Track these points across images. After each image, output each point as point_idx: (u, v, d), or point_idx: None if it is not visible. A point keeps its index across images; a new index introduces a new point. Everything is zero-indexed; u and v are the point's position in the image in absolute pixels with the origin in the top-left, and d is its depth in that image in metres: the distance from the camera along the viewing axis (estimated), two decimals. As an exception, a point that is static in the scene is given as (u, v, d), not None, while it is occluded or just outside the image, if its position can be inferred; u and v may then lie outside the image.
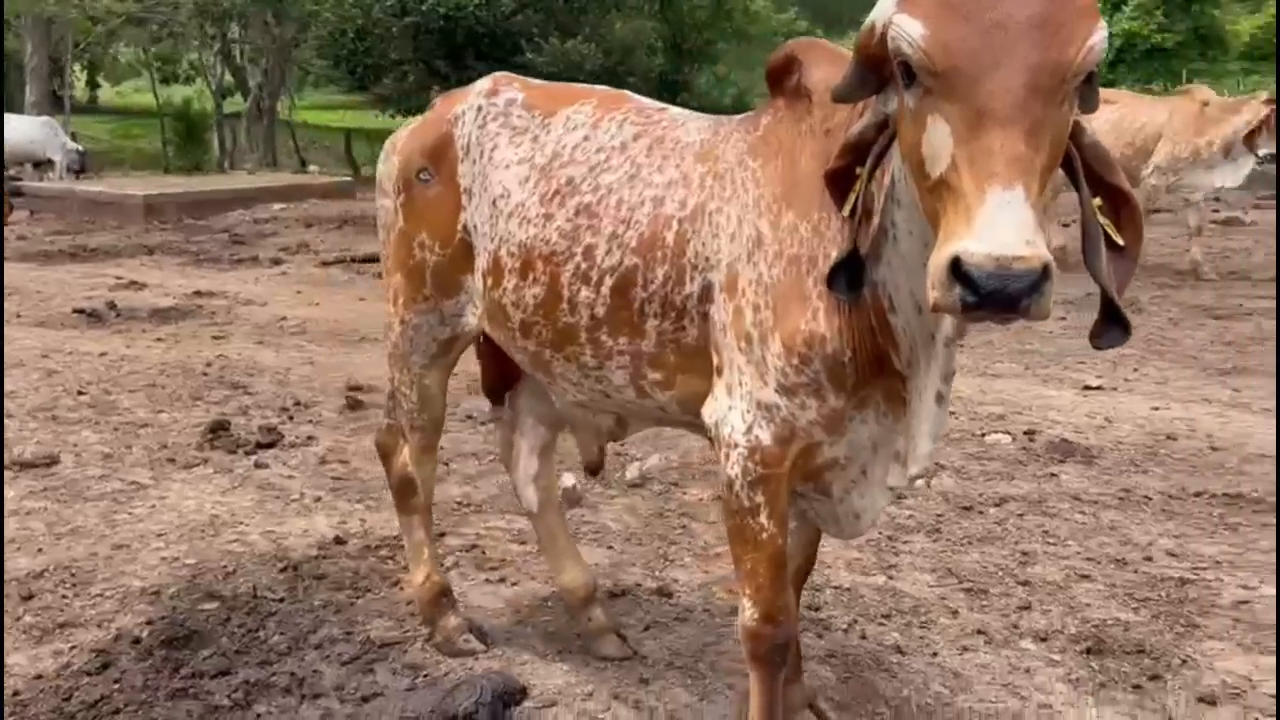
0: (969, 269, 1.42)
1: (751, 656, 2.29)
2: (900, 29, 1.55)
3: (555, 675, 2.92)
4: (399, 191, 2.71)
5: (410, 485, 3.01)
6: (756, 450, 2.10)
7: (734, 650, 3.05)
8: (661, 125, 2.36)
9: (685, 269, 2.19)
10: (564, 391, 2.60)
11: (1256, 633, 3.11)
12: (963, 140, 1.49)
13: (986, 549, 3.71)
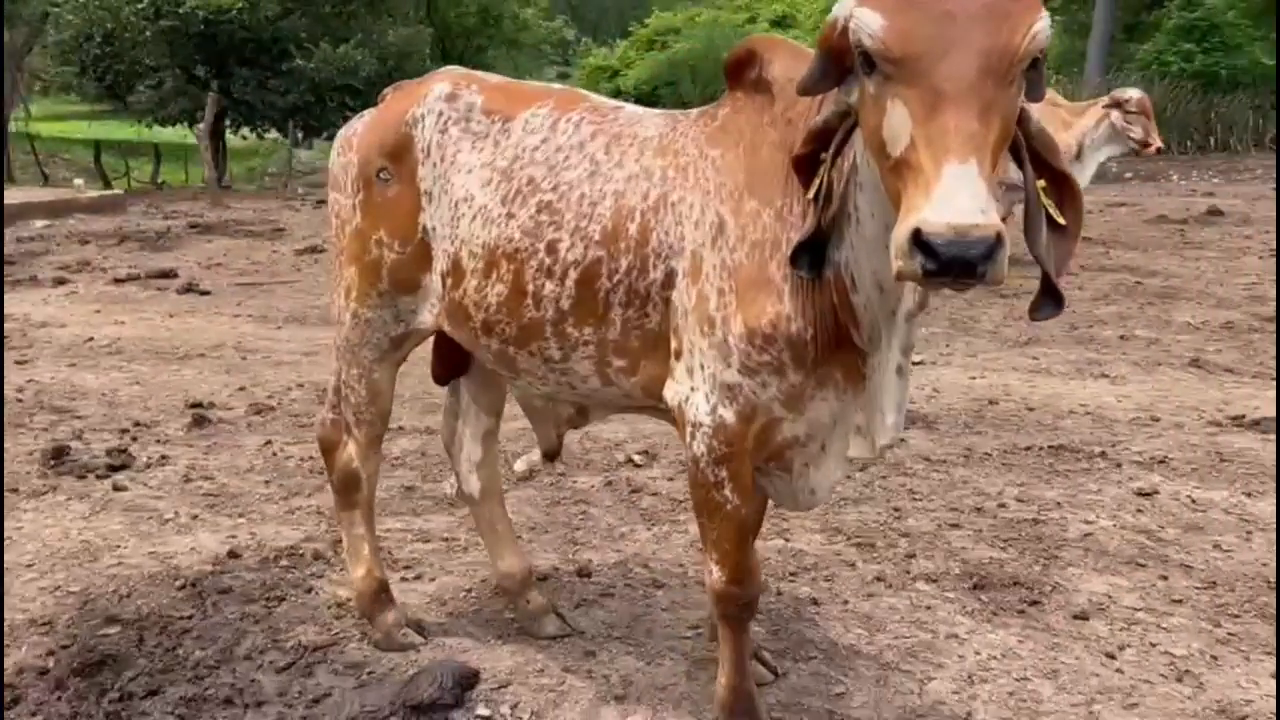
0: (929, 237, 1.56)
1: (722, 615, 2.47)
2: (860, 21, 1.71)
3: (502, 659, 3.00)
4: (357, 189, 2.73)
5: (354, 480, 3.01)
6: (721, 429, 2.25)
7: (664, 618, 3.25)
8: (618, 122, 2.48)
9: (649, 257, 2.31)
10: (528, 385, 2.69)
11: (1104, 559, 3.58)
12: (920, 121, 1.65)
13: (863, 508, 4.06)
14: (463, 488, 3.18)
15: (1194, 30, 27.58)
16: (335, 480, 3.05)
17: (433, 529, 3.98)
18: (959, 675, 2.88)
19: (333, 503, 3.15)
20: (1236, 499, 4.06)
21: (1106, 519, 3.89)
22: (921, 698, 2.78)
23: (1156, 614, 3.19)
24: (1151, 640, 3.04)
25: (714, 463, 2.28)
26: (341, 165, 2.80)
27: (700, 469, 2.31)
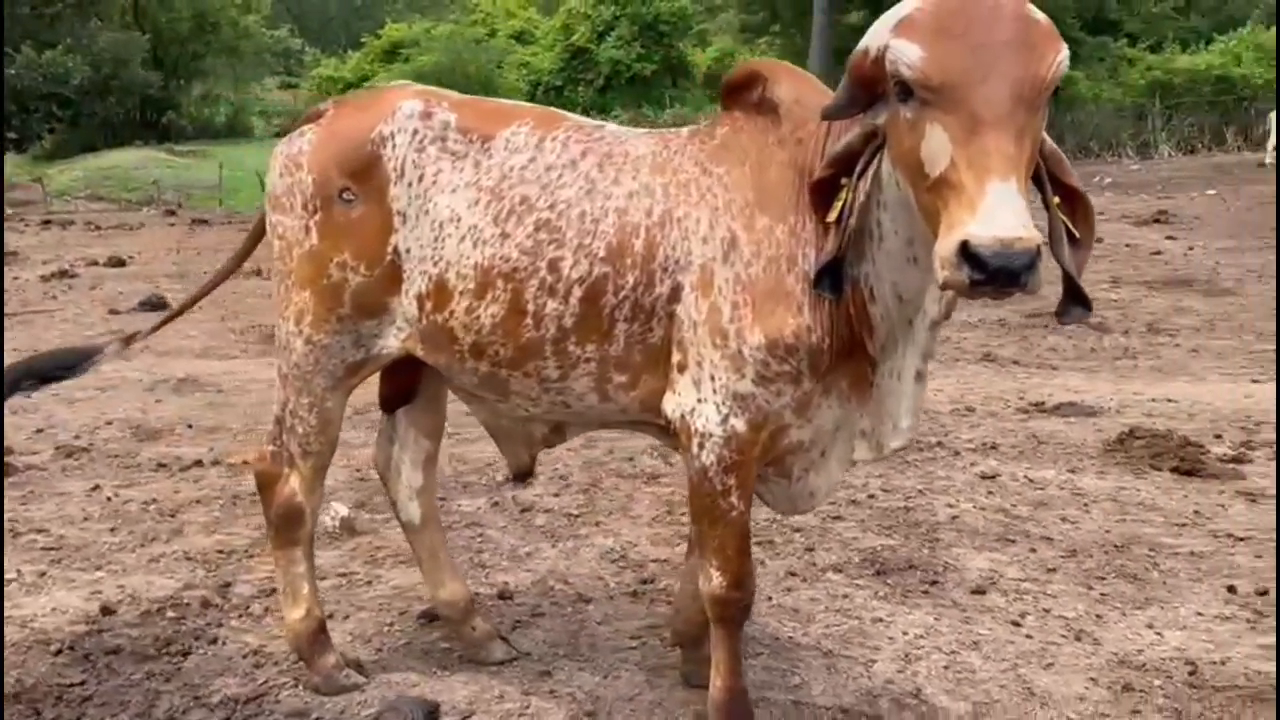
0: (977, 250, 1.68)
1: (719, 619, 2.52)
2: (899, 51, 1.83)
3: (455, 690, 2.93)
4: (312, 209, 2.59)
5: (297, 515, 2.83)
6: (732, 439, 2.32)
7: (602, 632, 3.28)
8: (605, 141, 2.50)
9: (655, 272, 2.35)
10: (513, 408, 2.65)
11: (977, 537, 3.94)
12: (960, 143, 1.77)
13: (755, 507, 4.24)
14: (401, 515, 3.08)
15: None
16: (275, 516, 2.86)
17: (324, 565, 3.78)
18: (896, 655, 3.10)
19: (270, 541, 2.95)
20: (1065, 476, 4.56)
21: (965, 502, 4.27)
22: (871, 679, 2.96)
23: (1039, 583, 3.55)
24: (1043, 607, 3.39)
25: (723, 471, 2.35)
26: (287, 185, 2.65)
27: (708, 478, 2.37)
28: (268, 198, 2.73)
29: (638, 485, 4.51)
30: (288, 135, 2.75)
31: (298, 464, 2.81)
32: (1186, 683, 2.92)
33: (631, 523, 4.13)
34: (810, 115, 2.29)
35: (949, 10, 1.84)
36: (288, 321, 2.69)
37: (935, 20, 1.83)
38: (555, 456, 4.92)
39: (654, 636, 3.23)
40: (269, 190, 2.72)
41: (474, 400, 2.83)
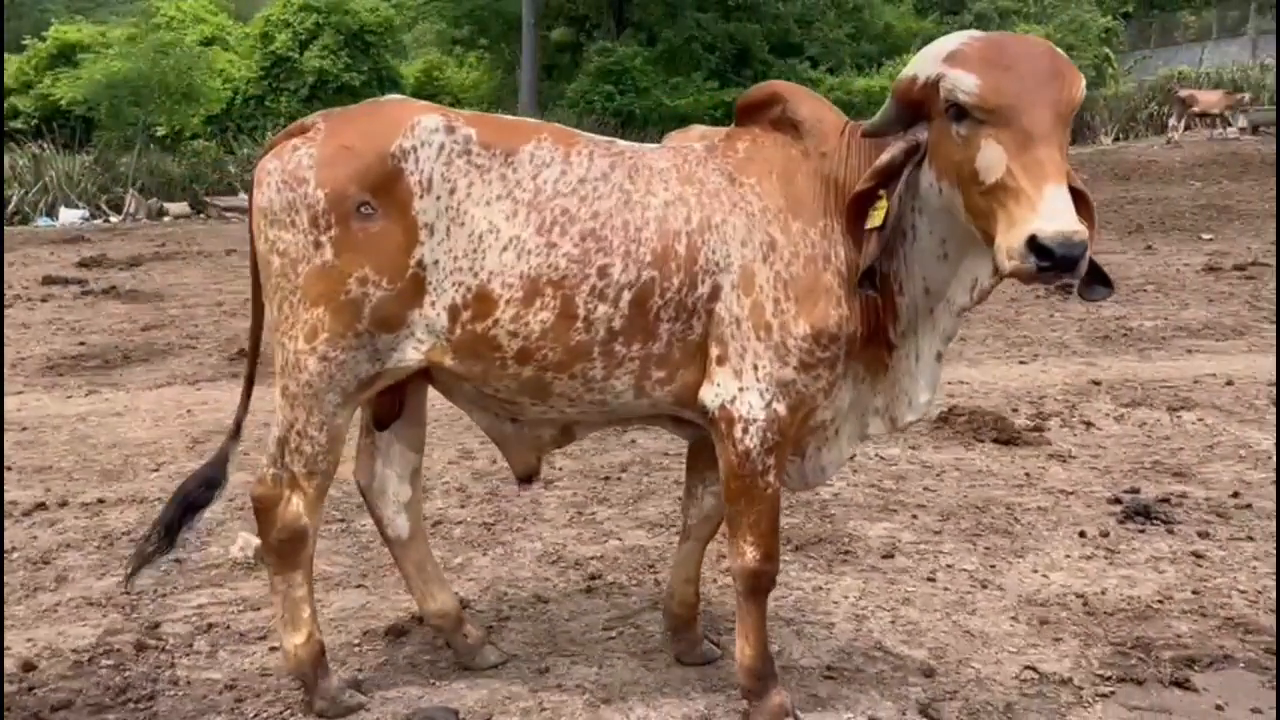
0: (1044, 242, 2.02)
1: (752, 591, 2.73)
2: (957, 81, 2.17)
3: (463, 696, 2.97)
4: (325, 225, 2.54)
5: (301, 537, 2.76)
6: (775, 421, 2.57)
7: (576, 627, 3.41)
8: (626, 155, 2.65)
9: (697, 274, 2.55)
10: (544, 411, 2.72)
11: (863, 510, 4.38)
12: (1015, 156, 2.11)
13: (652, 501, 4.47)
14: (388, 531, 3.06)
15: (611, 74, 31.38)
16: (276, 539, 2.78)
17: (251, 596, 3.65)
18: (848, 616, 3.45)
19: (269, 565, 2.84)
20: (909, 452, 5.13)
21: (838, 481, 4.72)
22: (837, 639, 3.30)
23: (933, 544, 4.04)
24: (946, 563, 3.86)
25: (765, 453, 2.58)
26: (287, 201, 2.59)
27: (750, 460, 2.59)
28: (262, 214, 2.65)
29: (538, 491, 4.61)
30: (273, 150, 2.69)
31: (301, 485, 2.75)
32: (1084, 611, 3.47)
33: (549, 526, 4.24)
34: (829, 131, 2.60)
35: (994, 47, 2.21)
36: (296, 340, 2.63)
37: (983, 55, 2.19)
38: (438, 471, 4.93)
39: (626, 626, 3.40)
40: (262, 206, 2.64)
41: (477, 409, 2.89)
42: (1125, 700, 2.95)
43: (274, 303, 2.67)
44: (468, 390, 2.77)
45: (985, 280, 2.47)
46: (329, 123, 2.69)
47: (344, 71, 35.02)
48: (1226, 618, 3.41)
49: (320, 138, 2.64)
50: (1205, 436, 5.27)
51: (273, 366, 2.74)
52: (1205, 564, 3.82)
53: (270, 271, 2.66)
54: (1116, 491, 4.52)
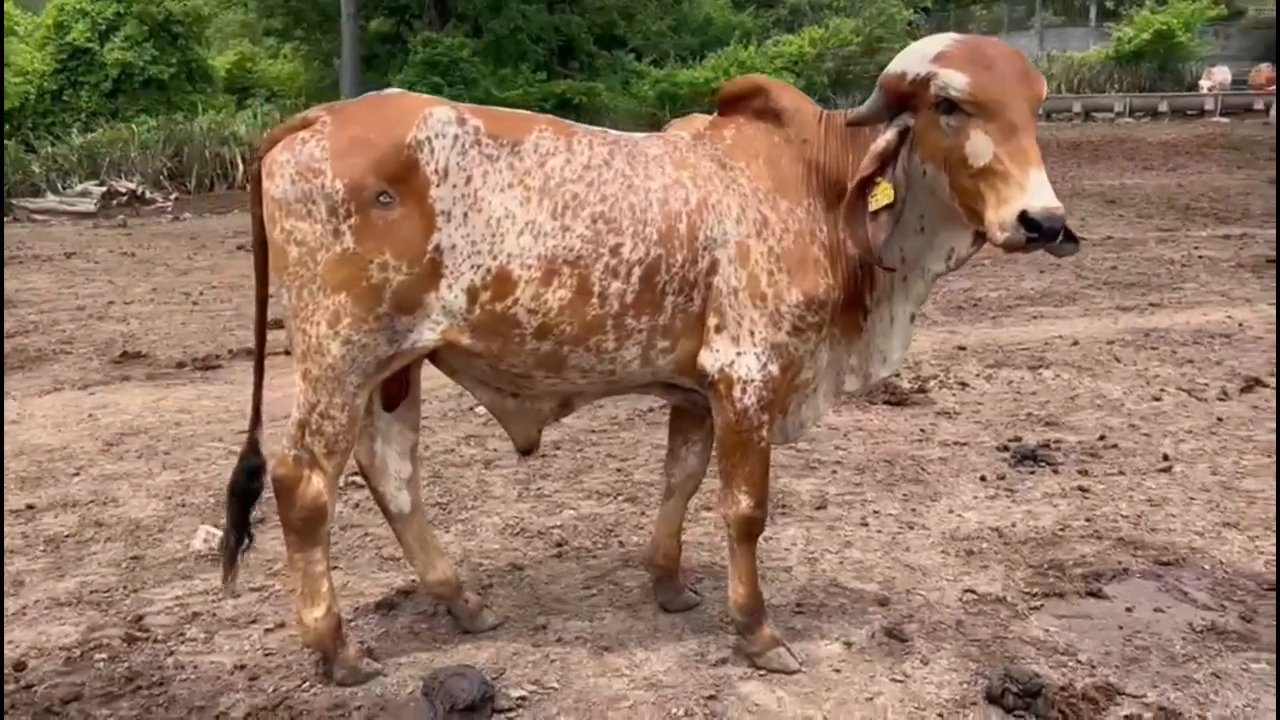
0: (1034, 217, 2.39)
1: (745, 537, 3.03)
2: (948, 79, 2.50)
3: (472, 656, 3.15)
4: (345, 214, 2.66)
5: (321, 514, 2.88)
6: (769, 381, 2.87)
7: (555, 589, 3.63)
8: (621, 143, 2.89)
9: (698, 250, 2.81)
10: (555, 384, 2.92)
11: (787, 469, 4.74)
12: (1001, 143, 2.47)
13: (593, 474, 4.71)
14: (390, 507, 3.20)
15: (437, 65, 31.04)
16: (297, 518, 2.89)
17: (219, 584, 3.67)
18: (801, 560, 3.80)
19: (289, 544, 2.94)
20: (814, 417, 5.56)
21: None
22: (798, 580, 3.64)
23: (857, 494, 4.45)
24: (874, 510, 4.28)
25: (760, 409, 2.88)
26: (302, 192, 2.69)
27: (748, 417, 2.88)
28: (275, 205, 2.74)
29: (478, 471, 4.78)
30: (281, 143, 2.79)
31: (321, 464, 2.87)
32: (1000, 542, 3.94)
33: (501, 502, 4.42)
34: (808, 120, 2.91)
35: (975, 48, 2.58)
36: (318, 325, 2.74)
37: (968, 55, 2.55)
38: (372, 457, 5.00)
39: (604, 584, 3.65)
40: (275, 197, 2.74)
41: (480, 386, 3.07)
42: (1053, 611, 3.42)
43: (292, 290, 2.77)
44: (478, 367, 2.94)
45: (963, 250, 2.83)
46: (335, 116, 2.80)
47: (150, 64, 33.14)
48: (1118, 539, 3.95)
49: (330, 130, 2.74)
50: (1065, 390, 5.91)
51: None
52: (1091, 496, 4.37)
53: (287, 260, 2.76)
54: (1002, 440, 5.06)
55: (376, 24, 36.62)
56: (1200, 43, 33.61)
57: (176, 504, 4.44)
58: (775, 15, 37.58)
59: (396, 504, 3.20)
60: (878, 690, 2.96)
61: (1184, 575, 3.64)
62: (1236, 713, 2.84)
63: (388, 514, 3.23)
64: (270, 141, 2.85)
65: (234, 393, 6.15)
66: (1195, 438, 5.06)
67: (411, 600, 3.53)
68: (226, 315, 8.42)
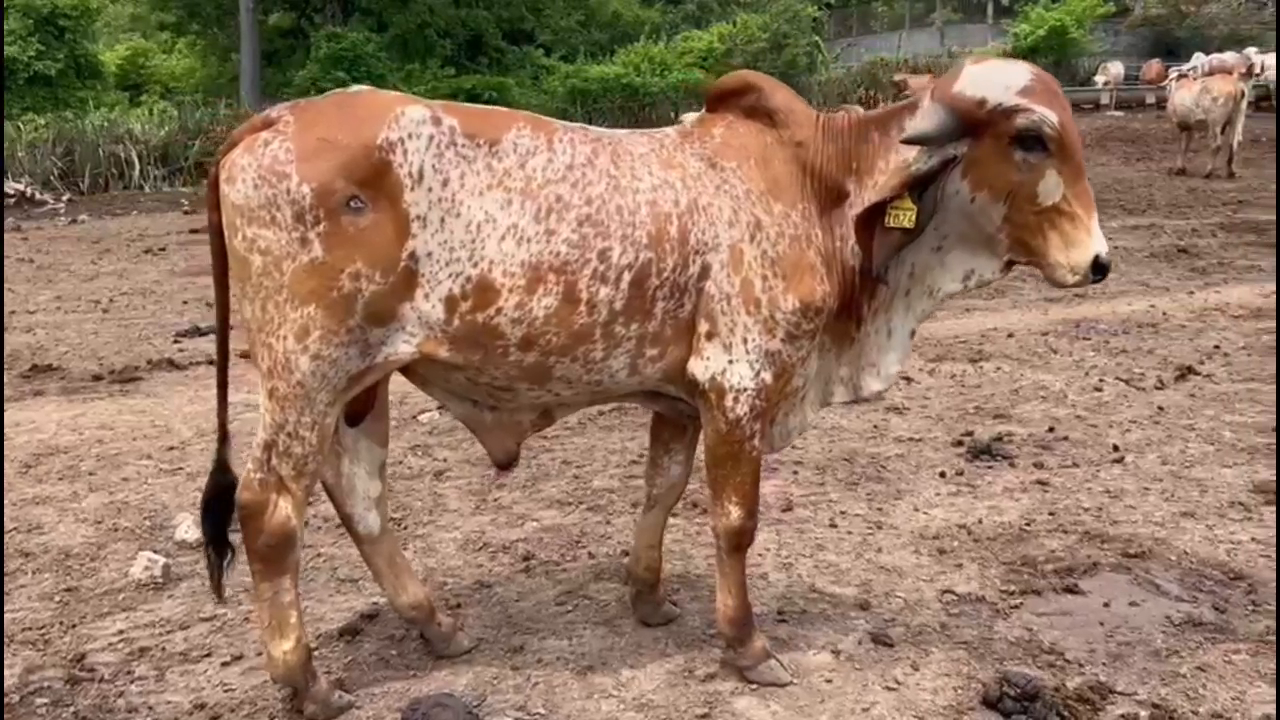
0: (1104, 261, 2.57)
1: (735, 548, 2.93)
2: (1044, 116, 2.51)
3: (450, 684, 3.00)
4: (313, 220, 2.47)
5: (289, 541, 2.69)
6: (763, 390, 2.76)
7: (526, 606, 3.49)
8: (605, 141, 2.74)
9: (688, 254, 2.69)
10: (539, 396, 2.78)
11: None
12: (1070, 185, 2.56)
13: (553, 481, 4.57)
14: (358, 527, 3.01)
15: (342, 60, 30.32)
16: (264, 545, 2.68)
17: (172, 616, 3.46)
18: (777, 566, 3.73)
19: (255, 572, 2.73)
20: (766, 416, 5.50)
21: (714, 448, 5.00)
22: (775, 588, 3.57)
23: (821, 495, 4.40)
24: (840, 510, 4.22)
25: (753, 419, 2.78)
26: (266, 197, 2.49)
27: (740, 426, 2.77)
28: (236, 212, 2.54)
29: (430, 483, 4.60)
30: (241, 145, 2.59)
31: (289, 487, 2.68)
32: (970, 540, 3.93)
33: (458, 515, 4.26)
34: (803, 121, 2.82)
35: (1049, 85, 2.59)
36: (284, 340, 2.55)
37: (1046, 91, 2.56)
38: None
39: (577, 599, 3.52)
40: (236, 203, 2.53)
41: (455, 399, 2.91)
42: (1033, 609, 3.41)
43: (256, 303, 2.57)
44: (455, 380, 2.78)
45: (986, 274, 2.80)
46: (299, 115, 2.60)
47: (36, 59, 31.76)
48: (1084, 532, 3.97)
49: (293, 130, 2.55)
50: (1008, 382, 5.97)
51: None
52: (1050, 490, 4.40)
53: (249, 270, 2.56)
54: (955, 435, 5.07)
55: (276, 18, 35.65)
56: (1092, 39, 34.75)
57: (108, 529, 4.16)
58: (683, 11, 37.72)
59: (365, 525, 3.02)
60: (873, 700, 2.90)
61: (1152, 567, 3.67)
62: (1227, 706, 2.84)
63: (355, 535, 3.05)
64: (229, 143, 2.64)
65: (157, 406, 5.84)
66: (1140, 427, 5.14)
67: (377, 624, 3.36)
68: (140, 324, 8.02)
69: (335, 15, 33.84)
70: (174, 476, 4.75)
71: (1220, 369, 6.09)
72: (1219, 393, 5.64)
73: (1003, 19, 38.46)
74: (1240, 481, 4.40)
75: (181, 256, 11.24)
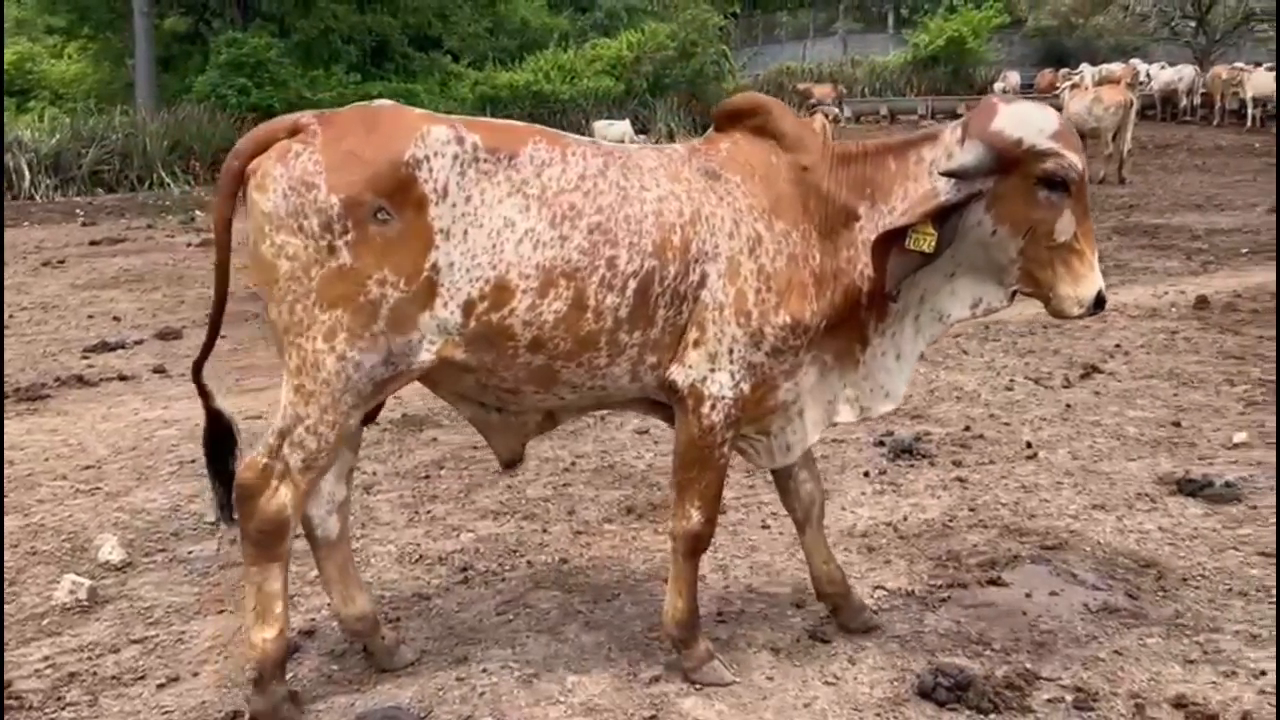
0: (1105, 295, 2.75)
1: (691, 552, 3.00)
2: (1071, 161, 2.67)
3: (395, 697, 3.00)
4: (341, 229, 2.58)
5: (283, 530, 2.73)
6: (739, 399, 2.85)
7: (469, 616, 3.50)
8: (615, 154, 2.84)
9: (689, 263, 2.78)
10: (546, 398, 2.86)
11: (676, 477, 4.75)
12: (1080, 224, 2.73)
13: (486, 491, 4.58)
14: (317, 531, 3.01)
15: (243, 66, 29.63)
16: (256, 529, 2.72)
17: (100, 640, 3.39)
18: (713, 569, 3.79)
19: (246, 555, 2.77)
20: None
21: (645, 452, 5.06)
22: (713, 589, 3.63)
23: (752, 496, 4.48)
24: (771, 511, 4.30)
25: (726, 427, 2.86)
26: (295, 206, 2.58)
27: (713, 433, 2.85)
28: (266, 219, 2.61)
29: (359, 496, 4.54)
30: (273, 154, 2.64)
31: (294, 477, 2.72)
32: (897, 537, 4.06)
33: (390, 528, 4.23)
34: (811, 147, 2.92)
35: (1070, 130, 2.74)
36: (314, 340, 2.63)
37: (1070, 136, 2.72)
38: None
39: (518, 608, 3.54)
40: (265, 210, 2.61)
41: (464, 401, 3.00)
42: (960, 601, 3.54)
43: (284, 305, 2.65)
44: (467, 383, 2.86)
45: (994, 303, 2.91)
46: (326, 127, 2.68)
47: None
48: (1003, 527, 4.13)
49: (322, 142, 2.64)
50: (923, 383, 6.16)
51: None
52: (969, 486, 4.56)
53: (277, 275, 2.63)
54: (876, 435, 5.21)
55: (172, 22, 34.65)
56: (988, 49, 35.91)
57: (25, 552, 4.04)
58: (592, 19, 37.79)
59: (324, 529, 3.02)
60: (813, 695, 2.99)
61: (1069, 558, 3.84)
62: (1144, 687, 3.00)
63: (312, 539, 3.05)
64: (253, 142, 2.72)
65: (69, 424, 5.67)
66: (1050, 424, 5.36)
67: (317, 640, 3.34)
68: (44, 340, 7.74)
69: (235, 20, 33.04)
70: (92, 496, 4.63)
71: (1122, 367, 6.37)
72: (1122, 389, 5.91)
73: (903, 29, 39.53)
74: (1145, 474, 4.63)
75: (83, 269, 10.88)
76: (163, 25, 33.43)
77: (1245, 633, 3.27)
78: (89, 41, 35.99)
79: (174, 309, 8.90)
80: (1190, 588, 3.59)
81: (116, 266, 11.02)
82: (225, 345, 7.64)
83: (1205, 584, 3.61)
